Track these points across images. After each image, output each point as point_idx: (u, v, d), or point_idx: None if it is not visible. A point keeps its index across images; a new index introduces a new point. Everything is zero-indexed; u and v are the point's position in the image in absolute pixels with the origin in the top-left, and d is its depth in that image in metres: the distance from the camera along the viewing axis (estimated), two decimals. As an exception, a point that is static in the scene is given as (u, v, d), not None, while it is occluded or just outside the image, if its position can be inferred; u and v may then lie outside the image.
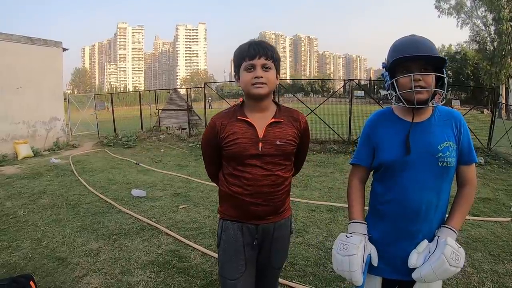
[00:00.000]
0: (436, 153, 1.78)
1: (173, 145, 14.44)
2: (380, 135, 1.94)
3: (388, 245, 1.88)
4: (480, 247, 4.76)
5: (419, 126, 1.84)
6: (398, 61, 1.76)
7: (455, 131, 1.84)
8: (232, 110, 2.15)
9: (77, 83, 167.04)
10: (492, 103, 13.94)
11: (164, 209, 6.23)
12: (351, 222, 1.96)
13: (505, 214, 6.18)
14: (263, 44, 2.04)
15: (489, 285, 3.75)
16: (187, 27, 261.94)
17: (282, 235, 2.23)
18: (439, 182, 1.81)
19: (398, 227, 1.84)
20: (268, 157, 2.04)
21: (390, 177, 1.89)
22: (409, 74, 1.73)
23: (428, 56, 1.73)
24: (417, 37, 1.80)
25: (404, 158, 1.81)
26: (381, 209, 1.94)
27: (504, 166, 10.64)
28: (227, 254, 2.16)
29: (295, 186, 7.86)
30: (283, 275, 3.91)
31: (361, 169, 2.05)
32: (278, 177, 2.08)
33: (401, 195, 1.83)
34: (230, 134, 2.05)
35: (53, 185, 8.13)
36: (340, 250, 1.79)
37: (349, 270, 1.75)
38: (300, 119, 2.18)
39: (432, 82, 1.75)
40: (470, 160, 1.88)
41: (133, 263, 4.22)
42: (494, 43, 42.86)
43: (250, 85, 1.99)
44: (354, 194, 2.03)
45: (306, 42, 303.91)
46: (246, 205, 2.07)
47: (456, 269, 1.65)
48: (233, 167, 2.10)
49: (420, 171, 1.80)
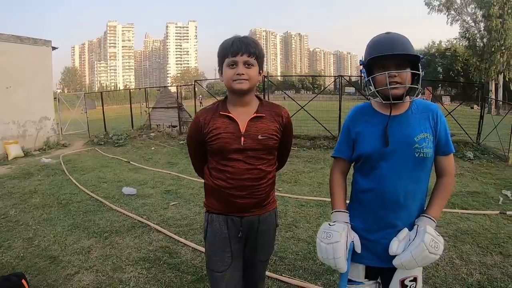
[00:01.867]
0: (413, 144, 1.84)
1: (163, 143, 14.47)
2: (359, 128, 2.00)
3: (369, 233, 1.95)
4: (468, 239, 4.85)
5: (396, 119, 1.91)
6: (374, 59, 1.82)
7: (432, 123, 1.90)
8: (216, 106, 2.20)
9: (67, 82, 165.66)
10: (481, 98, 14.04)
11: (154, 206, 6.28)
12: (333, 212, 2.02)
13: (494, 207, 6.28)
14: (246, 40, 2.08)
15: (477, 277, 3.83)
16: (178, 24, 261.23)
17: (267, 228, 2.28)
18: (416, 172, 1.87)
19: (378, 215, 1.91)
20: (251, 151, 2.09)
21: (369, 168, 1.95)
22: (384, 72, 1.79)
23: (402, 53, 1.79)
24: (393, 35, 1.86)
25: (382, 149, 1.88)
26: (361, 199, 2.00)
27: (493, 160, 10.81)
28: (213, 247, 2.21)
29: (285, 181, 7.96)
30: (273, 269, 3.98)
31: (342, 162, 2.12)
32: (261, 171, 2.13)
33: (380, 185, 1.90)
34: (213, 129, 2.10)
35: (43, 184, 8.13)
36: (324, 239, 1.85)
37: (333, 257, 1.81)
38: (282, 114, 2.22)
39: (407, 78, 1.82)
40: (447, 150, 1.94)
41: (124, 260, 4.25)
42: (484, 40, 43.31)
43: (232, 81, 2.03)
44: (336, 185, 2.10)
45: (296, 39, 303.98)
46: (230, 198, 2.12)
47: (435, 256, 1.72)
48: (217, 161, 2.15)
49: (398, 162, 1.86)
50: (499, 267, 4.07)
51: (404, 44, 1.81)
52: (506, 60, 41.29)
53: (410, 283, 1.91)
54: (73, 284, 3.73)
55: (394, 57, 1.80)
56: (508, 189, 7.43)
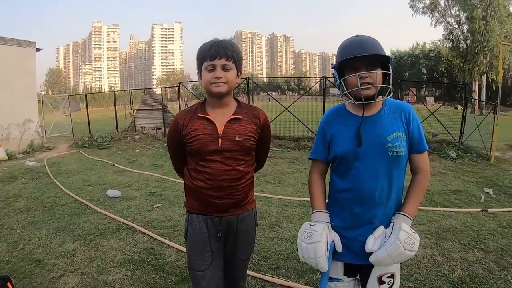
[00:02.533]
0: (386, 143, 1.90)
1: (148, 145, 14.47)
2: (333, 130, 2.05)
3: (346, 231, 1.99)
4: (450, 236, 4.94)
5: (369, 119, 1.97)
6: (345, 61, 1.88)
7: (404, 122, 1.96)
8: (194, 108, 2.26)
9: (52, 84, 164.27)
10: (464, 99, 14.25)
11: (139, 209, 6.30)
12: (313, 212, 2.07)
13: (476, 205, 6.41)
14: (224, 44, 2.12)
15: (459, 273, 3.91)
16: (163, 26, 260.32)
17: (246, 227, 2.33)
18: (390, 170, 1.92)
19: (355, 213, 1.95)
20: (228, 152, 2.14)
21: (345, 168, 2.00)
22: (355, 73, 1.85)
23: (373, 55, 1.85)
24: (362, 37, 1.92)
25: (356, 149, 1.93)
26: (338, 198, 2.05)
27: (475, 159, 11.01)
28: (194, 247, 2.26)
29: (269, 182, 8.03)
30: (256, 269, 4.04)
31: (319, 163, 2.17)
32: (239, 171, 2.19)
33: (355, 184, 1.95)
34: (191, 130, 2.15)
35: (28, 188, 8.09)
36: (304, 238, 1.89)
37: (314, 257, 1.85)
38: (259, 115, 2.28)
39: (378, 78, 1.88)
40: (420, 148, 1.99)
41: (109, 262, 4.27)
42: (467, 41, 43.85)
43: (210, 84, 2.09)
44: (314, 186, 2.15)
45: (282, 40, 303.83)
46: (208, 198, 2.17)
47: (410, 252, 1.77)
48: (195, 162, 2.20)
49: (372, 161, 1.92)
50: (481, 263, 4.16)
51: (374, 46, 1.87)
52: (489, 61, 41.77)
53: (388, 279, 1.97)
54: (59, 287, 3.74)
55: (364, 59, 1.85)
56: (490, 187, 7.59)
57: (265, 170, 9.33)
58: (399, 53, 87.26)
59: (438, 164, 10.43)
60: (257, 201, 6.26)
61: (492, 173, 9.26)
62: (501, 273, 3.91)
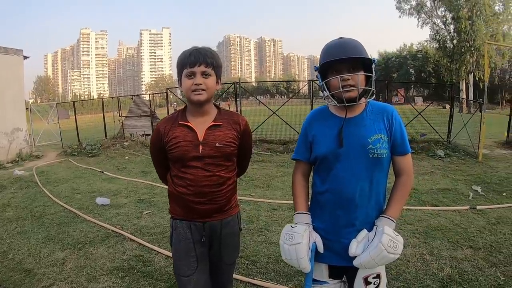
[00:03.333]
0: (367, 145, 1.92)
1: (137, 152, 14.43)
2: (315, 130, 2.09)
3: (329, 233, 2.02)
4: (439, 235, 4.99)
5: (351, 120, 1.99)
6: (328, 64, 1.91)
7: (386, 123, 1.98)
8: (175, 115, 2.30)
9: (40, 91, 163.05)
10: (451, 98, 14.39)
11: (128, 216, 6.29)
12: (296, 214, 2.10)
13: (464, 203, 6.47)
14: (204, 51, 2.16)
15: (448, 271, 3.95)
16: (152, 31, 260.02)
17: (230, 232, 2.36)
18: (371, 172, 1.94)
19: (336, 215, 1.98)
20: (209, 158, 2.18)
21: (326, 169, 2.03)
22: (337, 75, 1.89)
23: (355, 57, 1.88)
24: (345, 39, 1.95)
25: (337, 150, 1.96)
26: (320, 199, 2.07)
27: (463, 157, 11.13)
28: (179, 252, 2.29)
29: (258, 186, 8.05)
30: (245, 273, 4.06)
31: (302, 164, 2.20)
32: (220, 177, 2.22)
33: (336, 185, 1.97)
34: (173, 138, 2.20)
35: (17, 197, 8.05)
36: (286, 240, 1.92)
37: (296, 258, 1.88)
38: (240, 121, 2.32)
39: (360, 80, 1.91)
40: (403, 150, 2.01)
41: (99, 270, 4.27)
42: (454, 41, 44.25)
43: (191, 91, 2.13)
44: (297, 188, 2.18)
45: (270, 44, 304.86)
46: (191, 204, 2.21)
47: (394, 255, 1.79)
48: (177, 169, 2.24)
49: (353, 162, 1.94)
50: (470, 260, 4.21)
51: (356, 48, 1.90)
52: (476, 60, 42.17)
53: (374, 279, 1.98)
54: (48, 296, 3.73)
55: (347, 61, 1.89)
56: (478, 185, 7.67)
57: (254, 174, 9.40)
58: (386, 54, 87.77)
59: (427, 163, 10.52)
60: (246, 205, 6.31)
61: (480, 170, 9.36)
62: (490, 270, 3.96)
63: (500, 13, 42.10)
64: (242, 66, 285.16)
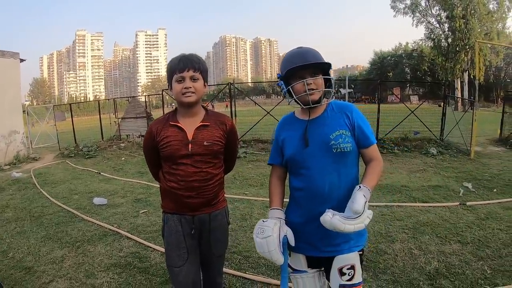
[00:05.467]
0: (329, 141, 2.06)
1: (133, 153, 14.50)
2: (284, 135, 2.26)
3: (303, 226, 2.15)
4: (427, 230, 5.10)
5: (314, 121, 2.16)
6: (290, 71, 2.07)
7: (347, 120, 2.13)
8: (166, 117, 2.49)
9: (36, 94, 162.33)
10: (444, 96, 14.54)
11: (125, 215, 6.40)
12: (269, 210, 2.25)
13: (454, 199, 6.58)
14: (192, 58, 2.36)
15: (435, 265, 4.06)
16: (147, 33, 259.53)
17: (218, 225, 2.53)
18: (337, 166, 2.07)
19: (311, 209, 2.09)
20: (197, 156, 2.37)
21: (297, 168, 2.17)
22: (300, 80, 2.05)
23: (314, 63, 2.05)
24: (304, 48, 2.13)
25: (303, 150, 2.11)
26: (295, 196, 2.22)
27: (456, 155, 11.28)
28: (170, 244, 2.46)
29: (252, 185, 8.18)
30: (237, 268, 4.20)
31: (276, 168, 2.36)
32: (208, 173, 2.41)
33: (307, 182, 2.11)
34: (164, 137, 2.38)
35: (15, 198, 8.13)
36: (258, 234, 2.04)
37: (268, 250, 1.99)
38: (226, 122, 2.53)
39: (321, 83, 2.10)
40: (367, 143, 2.14)
41: (97, 266, 4.38)
42: (448, 40, 44.39)
43: (181, 94, 2.31)
44: (272, 188, 2.33)
45: (266, 44, 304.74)
46: (181, 198, 2.39)
47: (363, 215, 1.82)
48: (169, 166, 2.42)
49: (319, 159, 2.08)
50: (457, 254, 4.32)
51: (315, 55, 2.08)
52: (470, 58, 42.29)
53: (348, 270, 2.09)
54: (48, 292, 3.83)
55: (308, 67, 2.05)
56: (469, 181, 7.79)
57: (248, 173, 9.55)
58: (382, 53, 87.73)
59: (419, 161, 10.66)
60: (239, 204, 6.43)
61: (472, 167, 9.50)
62: (478, 263, 4.06)
63: (494, 11, 42.26)
64: (238, 66, 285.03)
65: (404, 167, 10.05)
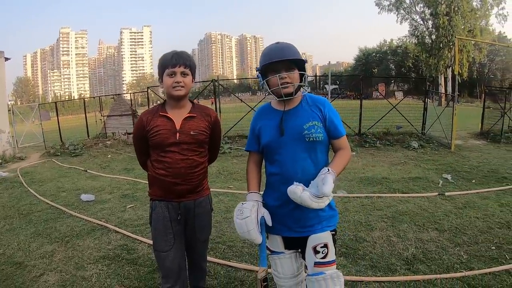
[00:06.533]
0: (302, 131, 2.24)
1: (119, 150, 14.57)
2: (260, 124, 2.43)
3: (279, 208, 2.32)
4: (406, 219, 5.30)
5: (289, 112, 2.34)
6: (267, 65, 2.24)
7: (319, 113, 2.32)
8: (156, 108, 2.68)
9: (20, 93, 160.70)
10: (425, 92, 14.81)
11: (112, 210, 6.50)
12: (247, 193, 2.43)
13: (433, 190, 6.82)
14: (183, 54, 2.56)
15: (412, 251, 4.25)
16: (132, 30, 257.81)
17: (203, 211, 2.73)
18: (309, 153, 2.26)
19: (282, 192, 2.22)
20: (184, 144, 2.56)
21: (272, 155, 2.36)
22: (275, 75, 2.22)
23: (290, 59, 2.22)
24: (282, 44, 2.29)
25: (279, 138, 2.29)
26: (270, 180, 2.39)
27: (437, 148, 11.62)
28: (157, 230, 2.63)
29: (236, 180, 8.39)
30: (222, 256, 4.36)
31: (253, 154, 2.54)
32: (194, 161, 2.60)
33: (281, 167, 2.29)
34: (154, 127, 2.56)
35: (3, 197, 8.14)
36: (238, 215, 2.24)
37: (247, 230, 2.19)
38: (211, 114, 2.76)
39: (295, 78, 2.27)
40: (337, 134, 2.33)
41: (86, 259, 4.49)
42: (432, 36, 44.97)
43: (172, 88, 2.51)
44: (249, 174, 2.53)
45: (252, 41, 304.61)
46: (168, 185, 2.56)
47: (325, 191, 2.00)
48: (157, 154, 2.60)
49: (293, 147, 2.26)
50: (435, 241, 4.51)
51: (291, 51, 2.24)
52: (454, 55, 42.71)
53: (321, 249, 2.26)
54: (40, 285, 3.93)
55: (284, 62, 2.22)
56: (449, 173, 8.02)
57: (233, 168, 9.73)
58: (367, 50, 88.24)
59: (400, 155, 10.92)
60: (224, 197, 6.60)
61: (452, 160, 9.79)
62: (454, 249, 4.25)
63: (477, 8, 42.88)
64: (223, 63, 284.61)
65: (385, 160, 10.29)
